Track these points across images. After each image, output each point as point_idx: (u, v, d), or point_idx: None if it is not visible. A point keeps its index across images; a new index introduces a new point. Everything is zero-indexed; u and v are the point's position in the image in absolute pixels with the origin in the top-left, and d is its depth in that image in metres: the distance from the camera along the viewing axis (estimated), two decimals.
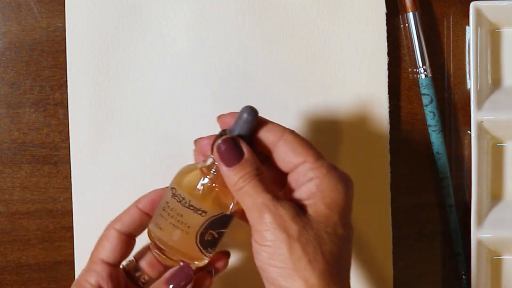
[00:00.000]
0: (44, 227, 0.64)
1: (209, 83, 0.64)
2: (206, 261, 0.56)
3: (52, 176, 0.64)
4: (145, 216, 0.57)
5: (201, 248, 0.55)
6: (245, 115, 0.53)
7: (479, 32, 0.64)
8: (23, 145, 0.64)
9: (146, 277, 0.58)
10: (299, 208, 0.51)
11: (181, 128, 0.64)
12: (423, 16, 0.65)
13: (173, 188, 0.55)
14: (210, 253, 0.55)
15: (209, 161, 0.54)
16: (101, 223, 0.63)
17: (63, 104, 0.64)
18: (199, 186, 0.54)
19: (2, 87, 0.64)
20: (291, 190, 0.53)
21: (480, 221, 0.64)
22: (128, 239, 0.57)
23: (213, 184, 0.54)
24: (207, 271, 0.57)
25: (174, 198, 0.54)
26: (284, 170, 0.54)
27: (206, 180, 0.54)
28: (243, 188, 0.52)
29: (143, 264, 0.58)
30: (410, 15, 0.64)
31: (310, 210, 0.51)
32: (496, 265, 0.66)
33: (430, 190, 0.66)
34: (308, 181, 0.52)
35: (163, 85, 0.64)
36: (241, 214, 0.54)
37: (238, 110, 0.64)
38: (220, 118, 0.56)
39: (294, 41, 0.64)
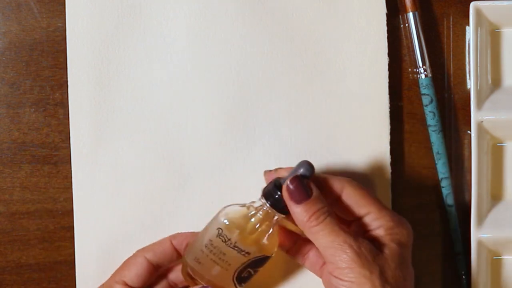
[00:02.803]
0: (44, 227, 0.64)
1: (209, 83, 0.64)
2: None
3: (52, 176, 0.64)
4: (175, 252, 0.60)
5: (236, 284, 0.57)
6: (302, 170, 0.55)
7: (479, 32, 0.64)
8: (23, 145, 0.64)
9: None
10: (375, 246, 0.54)
11: (181, 128, 0.64)
12: (423, 16, 0.65)
13: (220, 228, 0.57)
14: (242, 287, 0.58)
15: (258, 204, 0.57)
16: (101, 223, 0.63)
17: (63, 104, 0.64)
18: (245, 228, 0.57)
19: (2, 87, 0.64)
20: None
21: (480, 221, 0.64)
22: (154, 270, 0.59)
23: (260, 227, 0.57)
24: None
25: (220, 238, 0.56)
26: (348, 220, 0.57)
27: (252, 222, 0.57)
28: (316, 226, 0.54)
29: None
30: (410, 15, 0.64)
31: (387, 251, 0.54)
32: (496, 265, 0.66)
33: (430, 190, 0.66)
34: (376, 228, 0.55)
35: (163, 85, 0.64)
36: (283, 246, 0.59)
37: (238, 110, 0.64)
38: (268, 174, 0.59)
39: (294, 41, 0.64)
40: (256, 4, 0.64)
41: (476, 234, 0.64)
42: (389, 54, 0.64)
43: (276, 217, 0.57)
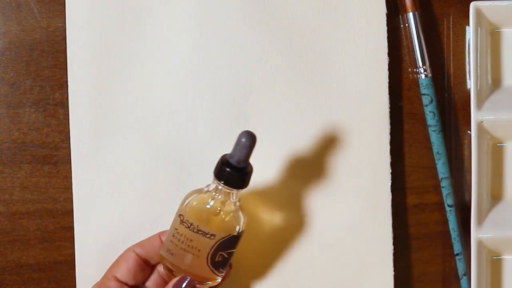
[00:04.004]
0: (44, 227, 0.64)
1: (209, 83, 0.64)
2: (219, 280, 0.58)
3: (52, 176, 0.64)
4: None
5: (213, 269, 0.57)
6: (243, 140, 0.55)
7: (479, 32, 0.64)
8: (23, 145, 0.64)
9: None
10: None
11: (181, 128, 0.64)
12: (423, 16, 0.65)
13: (181, 215, 0.57)
14: (222, 272, 0.58)
15: (212, 186, 0.57)
16: (101, 223, 0.63)
17: (63, 104, 0.64)
18: (205, 211, 0.57)
19: (2, 87, 0.64)
20: None
21: (480, 221, 0.64)
22: (144, 265, 0.60)
23: (218, 208, 0.57)
24: None
25: (183, 225, 0.56)
26: None
27: (212, 204, 0.57)
28: None
29: (150, 284, 0.61)
30: (410, 15, 0.64)
31: None
32: (496, 265, 0.66)
33: (430, 190, 0.66)
34: None
35: (163, 85, 0.64)
36: None
37: (238, 110, 0.64)
38: None
39: (294, 41, 0.64)
40: (256, 4, 0.64)
41: (476, 234, 0.64)
42: (389, 54, 0.64)
43: (233, 193, 0.57)
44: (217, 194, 0.57)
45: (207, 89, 0.64)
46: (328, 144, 0.64)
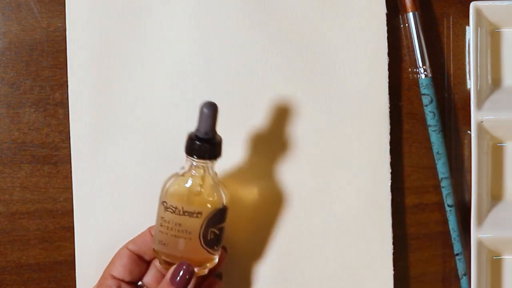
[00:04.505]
0: (44, 227, 0.64)
1: (210, 83, 0.64)
2: (216, 259, 0.58)
3: (52, 176, 0.64)
4: None
5: (208, 249, 0.57)
6: (205, 111, 0.55)
7: (479, 32, 0.64)
8: (23, 145, 0.64)
9: None
10: None
11: (181, 128, 0.64)
12: (423, 16, 0.65)
13: (164, 202, 0.57)
14: (217, 250, 0.57)
15: (187, 165, 0.57)
16: (101, 223, 0.63)
17: (63, 104, 0.64)
18: (186, 191, 0.57)
19: (2, 87, 0.64)
20: None
21: (480, 221, 0.64)
22: (139, 260, 0.60)
23: (198, 185, 0.57)
24: (215, 276, 0.60)
25: (168, 211, 0.56)
26: None
27: (190, 183, 0.57)
28: None
29: (148, 279, 0.60)
30: (410, 15, 0.64)
31: None
32: (496, 265, 0.66)
33: (430, 190, 0.66)
34: None
35: (163, 85, 0.64)
36: None
37: (238, 110, 0.64)
38: None
39: (294, 41, 0.64)
40: (256, 4, 0.64)
41: (476, 234, 0.64)
42: (389, 54, 0.64)
43: (208, 166, 0.57)
44: (194, 172, 0.57)
45: (207, 89, 0.64)
46: (328, 144, 0.64)
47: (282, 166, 0.64)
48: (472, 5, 0.63)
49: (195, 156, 0.56)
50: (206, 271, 0.58)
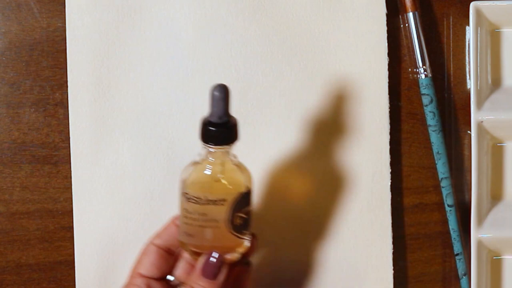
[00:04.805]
0: (44, 227, 0.64)
1: (210, 83, 0.64)
2: (247, 242, 0.56)
3: (52, 176, 0.64)
4: None
5: (237, 234, 0.55)
6: (216, 94, 0.53)
7: (479, 32, 0.64)
8: (23, 145, 0.64)
9: None
10: None
11: (181, 128, 0.64)
12: (423, 16, 0.65)
13: (185, 193, 0.55)
14: (247, 234, 0.56)
15: (203, 152, 0.55)
16: (101, 223, 0.63)
17: (63, 104, 0.64)
18: (207, 179, 0.54)
19: (2, 87, 0.64)
20: None
21: (480, 221, 0.64)
22: (166, 254, 0.58)
23: (219, 171, 0.54)
24: (245, 263, 0.58)
25: (190, 202, 0.54)
26: None
27: (210, 170, 0.55)
28: None
29: (179, 272, 0.59)
30: (410, 15, 0.64)
31: None
32: (496, 265, 0.66)
33: (430, 190, 0.66)
34: None
35: (163, 85, 0.64)
36: None
37: (238, 110, 0.64)
38: None
39: (294, 41, 0.64)
40: (256, 4, 0.64)
41: (476, 234, 0.64)
42: (389, 54, 0.64)
43: (226, 151, 0.54)
44: (212, 158, 0.54)
45: (207, 89, 0.64)
46: (328, 144, 0.64)
47: (281, 166, 0.64)
48: (472, 5, 0.63)
49: (211, 143, 0.54)
50: (237, 256, 0.56)
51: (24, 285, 0.64)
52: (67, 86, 0.63)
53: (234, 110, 0.64)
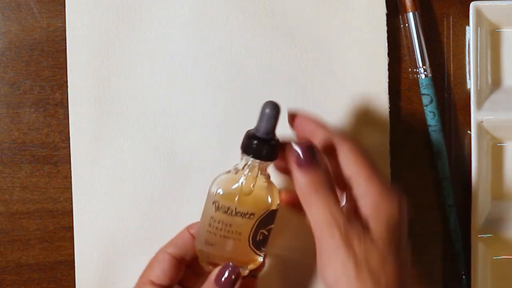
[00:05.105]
0: (44, 227, 0.64)
1: (209, 83, 0.64)
2: (260, 260, 0.56)
3: (52, 176, 0.64)
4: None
5: (255, 250, 0.55)
6: (267, 111, 0.54)
7: (479, 32, 0.64)
8: (23, 145, 0.64)
9: None
10: (363, 228, 0.52)
11: (181, 128, 0.64)
12: (423, 16, 0.65)
13: (215, 201, 0.55)
14: (263, 252, 0.56)
15: (241, 164, 0.55)
16: (101, 223, 0.63)
17: (63, 104, 0.64)
18: (239, 191, 0.55)
19: (2, 87, 0.64)
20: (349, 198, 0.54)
21: (480, 221, 0.64)
22: (179, 263, 0.58)
23: (252, 185, 0.55)
24: (251, 275, 0.58)
25: (219, 211, 0.54)
26: (340, 188, 0.55)
27: (244, 182, 0.55)
28: (312, 195, 0.52)
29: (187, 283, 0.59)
30: (410, 15, 0.64)
31: (373, 231, 0.52)
32: (496, 265, 0.66)
33: (430, 190, 0.66)
34: (363, 195, 0.52)
35: (163, 85, 0.64)
36: (290, 203, 0.56)
37: (238, 109, 0.64)
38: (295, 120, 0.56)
39: (294, 41, 0.64)
40: (256, 4, 0.64)
41: (476, 234, 0.64)
42: (389, 54, 0.64)
43: (263, 167, 0.55)
44: (248, 171, 0.55)
45: (207, 89, 0.64)
46: None
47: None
48: (472, 5, 0.63)
49: (251, 155, 0.54)
50: (247, 272, 0.56)
51: (24, 285, 0.64)
52: (67, 86, 0.63)
53: (233, 109, 0.64)
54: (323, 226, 0.52)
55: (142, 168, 0.64)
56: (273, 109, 0.53)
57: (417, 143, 0.66)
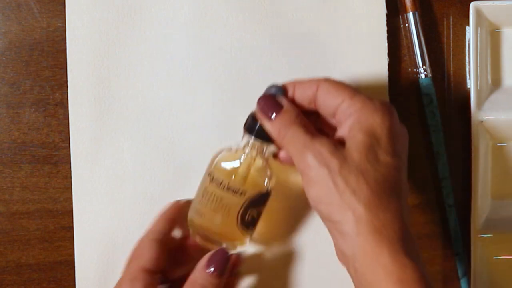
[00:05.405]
0: (44, 227, 0.64)
1: (209, 82, 0.64)
2: (247, 241, 0.58)
3: (52, 176, 0.64)
4: (171, 222, 0.59)
5: (242, 229, 0.56)
6: (273, 90, 0.55)
7: (479, 32, 0.64)
8: (23, 145, 0.64)
9: None
10: (339, 143, 0.52)
11: (181, 128, 0.64)
12: (423, 16, 0.65)
13: (211, 173, 0.56)
14: (250, 233, 0.57)
15: (242, 143, 0.57)
16: (101, 223, 0.63)
17: (63, 104, 0.64)
18: (236, 168, 0.56)
19: (2, 87, 0.64)
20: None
21: (480, 221, 0.64)
22: (163, 248, 0.58)
23: (249, 165, 0.56)
24: (232, 274, 0.59)
25: (212, 183, 0.56)
26: (330, 119, 0.55)
27: (241, 161, 0.56)
28: (285, 137, 0.53)
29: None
30: (410, 15, 0.64)
31: (350, 142, 0.52)
32: (496, 265, 0.66)
33: (430, 190, 0.66)
34: (347, 118, 0.52)
35: (163, 85, 0.64)
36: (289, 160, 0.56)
37: (238, 109, 0.64)
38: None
39: (295, 41, 0.64)
40: (256, 4, 0.64)
41: (476, 234, 0.64)
42: (389, 54, 0.64)
43: (263, 149, 0.56)
44: (248, 150, 0.57)
45: (207, 88, 0.64)
46: None
47: (281, 166, 0.64)
48: (472, 5, 0.63)
49: (253, 135, 0.56)
50: (235, 250, 0.57)
51: (24, 285, 0.64)
52: (67, 86, 0.63)
53: (233, 109, 0.64)
54: (297, 157, 0.52)
55: (142, 168, 0.64)
56: (278, 90, 0.55)
57: (417, 143, 0.66)
